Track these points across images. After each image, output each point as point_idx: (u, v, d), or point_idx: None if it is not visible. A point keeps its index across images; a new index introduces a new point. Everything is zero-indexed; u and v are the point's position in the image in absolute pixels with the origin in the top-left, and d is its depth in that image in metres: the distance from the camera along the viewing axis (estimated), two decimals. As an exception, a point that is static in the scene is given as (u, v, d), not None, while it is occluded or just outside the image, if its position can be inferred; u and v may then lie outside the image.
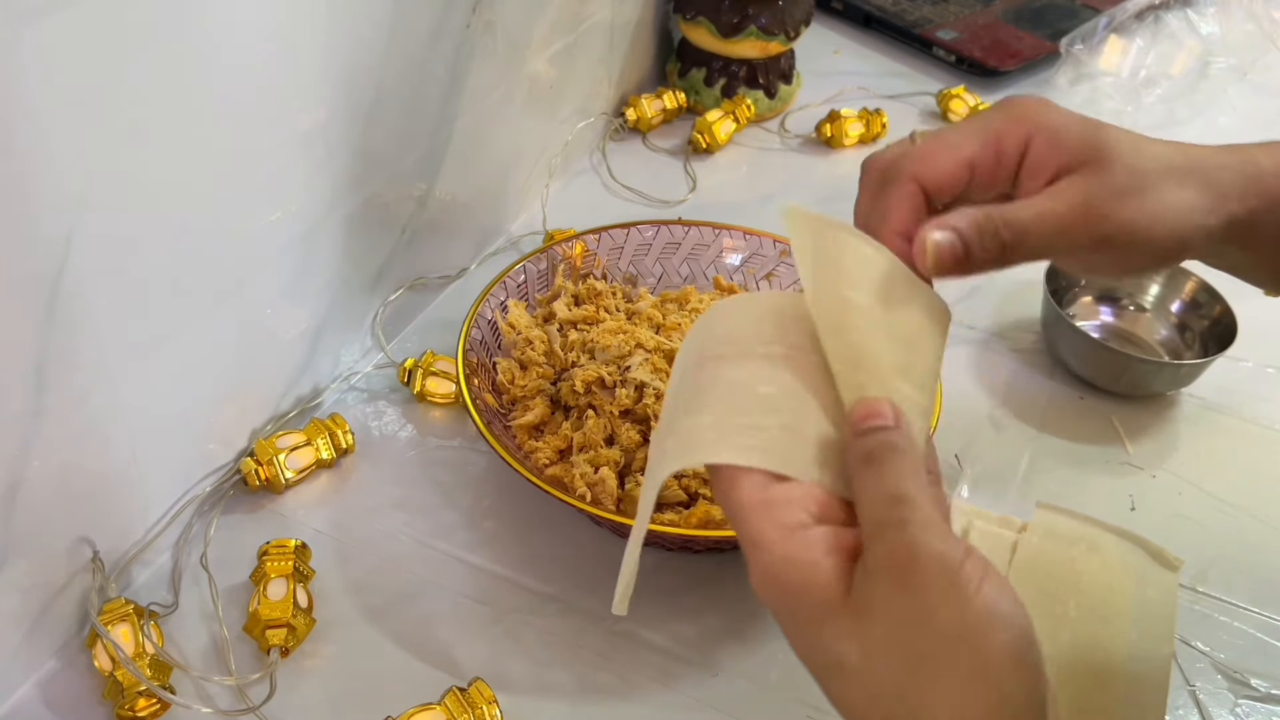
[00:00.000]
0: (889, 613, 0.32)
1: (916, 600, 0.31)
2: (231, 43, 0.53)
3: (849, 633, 0.32)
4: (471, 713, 0.53)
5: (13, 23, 0.42)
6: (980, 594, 0.32)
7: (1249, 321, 0.77)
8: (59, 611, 0.56)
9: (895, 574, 0.32)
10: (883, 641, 0.32)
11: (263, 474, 0.64)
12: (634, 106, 1.01)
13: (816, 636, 0.33)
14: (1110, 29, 1.15)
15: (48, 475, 0.51)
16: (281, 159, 0.60)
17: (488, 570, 0.63)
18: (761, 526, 0.34)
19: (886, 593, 0.32)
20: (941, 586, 0.31)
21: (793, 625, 0.34)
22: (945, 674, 0.31)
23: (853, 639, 0.32)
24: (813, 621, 0.33)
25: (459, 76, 0.74)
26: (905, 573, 0.32)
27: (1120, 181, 0.41)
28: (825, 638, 0.32)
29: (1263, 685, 0.60)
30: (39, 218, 0.46)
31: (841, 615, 0.32)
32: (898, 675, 0.31)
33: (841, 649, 0.32)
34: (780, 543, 0.33)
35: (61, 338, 0.49)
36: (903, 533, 0.32)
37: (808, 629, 0.33)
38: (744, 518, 0.34)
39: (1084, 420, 0.76)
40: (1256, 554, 0.67)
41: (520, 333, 0.71)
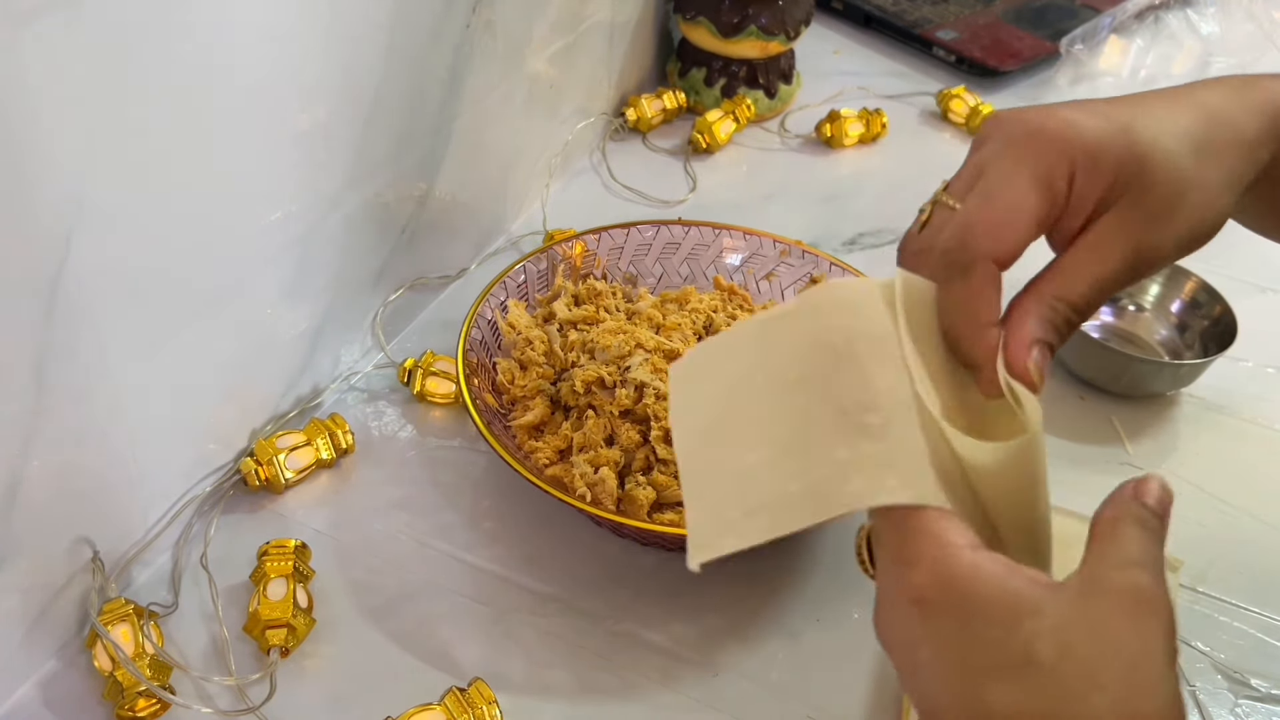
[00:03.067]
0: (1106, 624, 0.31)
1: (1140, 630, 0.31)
2: (231, 43, 0.53)
3: (1051, 630, 0.31)
4: (471, 713, 0.53)
5: (13, 23, 0.42)
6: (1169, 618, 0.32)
7: (1249, 321, 0.77)
8: (59, 611, 0.56)
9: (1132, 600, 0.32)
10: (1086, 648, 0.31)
11: (263, 474, 0.64)
12: (634, 106, 1.01)
13: (1006, 630, 0.31)
14: (1110, 29, 1.15)
15: (48, 475, 0.51)
16: (281, 159, 0.60)
17: (488, 570, 0.63)
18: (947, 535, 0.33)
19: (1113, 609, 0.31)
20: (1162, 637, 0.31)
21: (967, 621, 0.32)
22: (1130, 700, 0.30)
23: (1051, 637, 0.31)
24: (1004, 617, 0.31)
25: (459, 76, 0.74)
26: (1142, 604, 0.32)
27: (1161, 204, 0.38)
28: (1020, 632, 0.31)
29: (1263, 685, 0.60)
30: (39, 218, 0.46)
31: (1046, 611, 0.31)
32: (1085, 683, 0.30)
33: (1036, 646, 0.31)
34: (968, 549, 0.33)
35: (61, 338, 0.49)
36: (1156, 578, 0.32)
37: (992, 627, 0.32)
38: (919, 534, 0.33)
39: (1084, 420, 0.76)
40: (1256, 554, 0.67)
41: (520, 333, 0.71)
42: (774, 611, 0.62)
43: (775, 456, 0.35)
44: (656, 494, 0.62)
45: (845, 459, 0.34)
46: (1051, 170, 0.38)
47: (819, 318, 0.36)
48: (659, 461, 0.64)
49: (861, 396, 0.34)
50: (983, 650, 0.31)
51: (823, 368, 0.35)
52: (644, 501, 0.62)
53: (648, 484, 0.63)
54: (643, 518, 0.62)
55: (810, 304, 0.36)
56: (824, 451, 0.34)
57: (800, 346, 0.36)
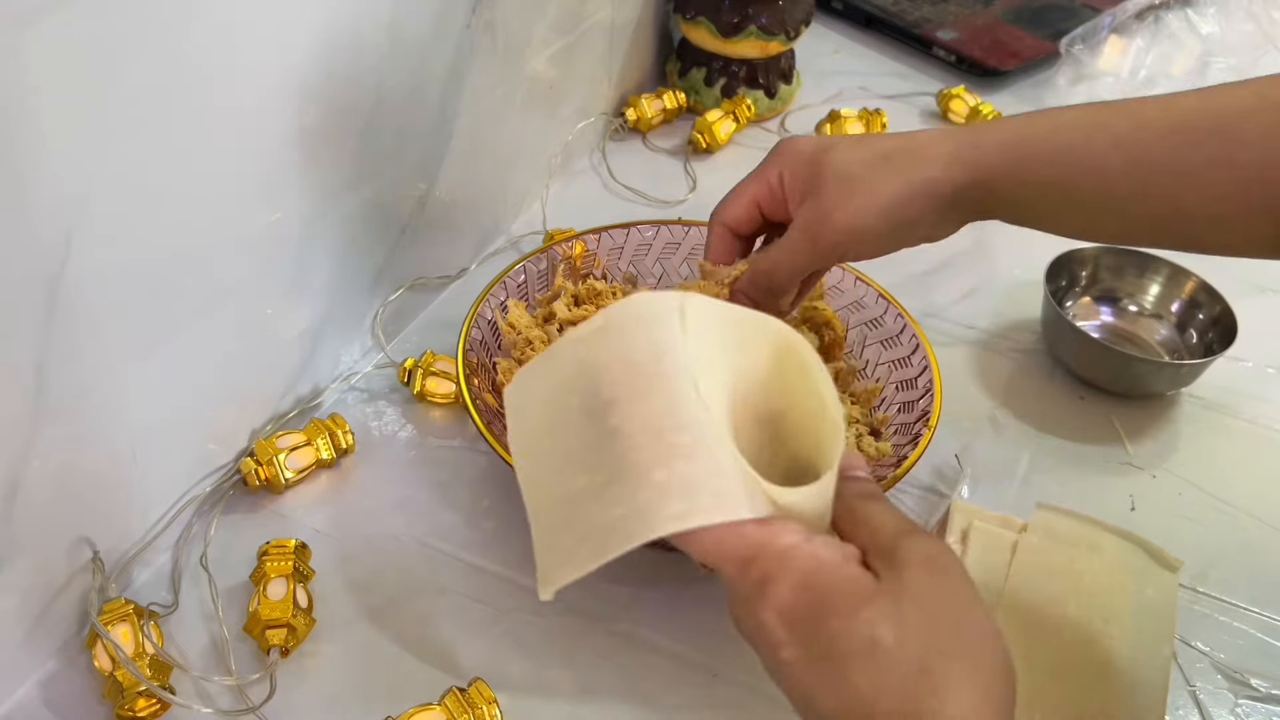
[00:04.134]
0: (925, 595, 0.35)
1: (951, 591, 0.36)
2: (231, 43, 0.53)
3: (886, 614, 0.35)
4: (471, 713, 0.53)
5: (13, 23, 0.42)
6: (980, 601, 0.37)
7: (1249, 321, 0.77)
8: (59, 611, 0.56)
9: (929, 567, 0.36)
10: (917, 622, 0.35)
11: (263, 474, 0.64)
12: (634, 106, 1.01)
13: (850, 622, 0.35)
14: (1110, 29, 1.15)
15: (48, 475, 0.51)
16: (281, 159, 0.60)
17: (488, 570, 0.63)
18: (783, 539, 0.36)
19: (921, 580, 0.35)
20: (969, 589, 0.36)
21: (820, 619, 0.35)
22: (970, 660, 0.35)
23: (889, 620, 0.35)
24: (847, 610, 0.35)
25: (459, 76, 0.74)
26: (939, 569, 0.36)
27: (830, 197, 0.52)
28: (860, 622, 0.35)
29: (1263, 685, 0.60)
30: (39, 218, 0.46)
31: (877, 600, 0.35)
32: (927, 652, 0.34)
33: (879, 631, 0.34)
34: (803, 546, 0.36)
35: (61, 338, 0.49)
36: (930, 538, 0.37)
37: (839, 618, 0.35)
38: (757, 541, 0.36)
39: (1084, 420, 0.76)
40: (1256, 554, 0.67)
41: (520, 333, 0.71)
42: (774, 611, 0.62)
43: (600, 483, 0.36)
44: (656, 494, 0.62)
45: (662, 481, 0.35)
46: (769, 172, 0.56)
47: (624, 335, 0.36)
48: (659, 461, 0.64)
49: (670, 417, 0.35)
50: (836, 641, 0.35)
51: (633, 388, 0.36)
52: (644, 501, 0.62)
53: (648, 484, 0.63)
54: (643, 518, 0.61)
55: (615, 321, 0.37)
56: (643, 474, 0.35)
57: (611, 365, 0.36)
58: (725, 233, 0.59)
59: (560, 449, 0.37)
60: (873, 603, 0.35)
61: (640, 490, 0.35)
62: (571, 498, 0.37)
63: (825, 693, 0.35)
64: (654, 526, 0.34)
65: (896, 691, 0.34)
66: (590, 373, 0.37)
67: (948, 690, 0.34)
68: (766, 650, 0.37)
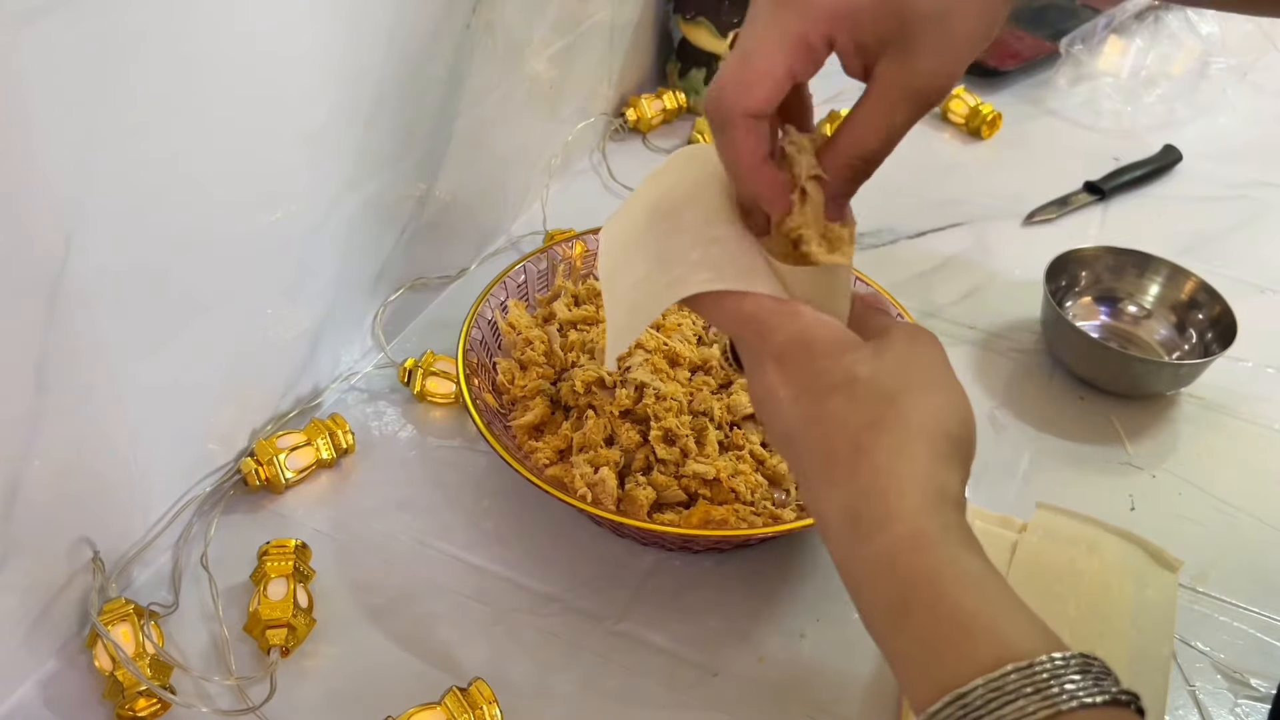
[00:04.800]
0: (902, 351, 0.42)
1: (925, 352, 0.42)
2: (231, 43, 0.53)
3: (865, 359, 0.41)
4: (471, 713, 0.53)
5: (12, 23, 0.42)
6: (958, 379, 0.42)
7: (1249, 321, 0.77)
8: (59, 611, 0.56)
9: (911, 336, 0.42)
10: (891, 367, 0.41)
11: (263, 474, 0.64)
12: (634, 107, 1.01)
13: (836, 361, 0.41)
14: (1110, 29, 1.15)
15: (48, 475, 0.51)
16: (282, 159, 0.60)
17: (488, 570, 0.63)
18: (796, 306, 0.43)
19: (902, 342, 0.42)
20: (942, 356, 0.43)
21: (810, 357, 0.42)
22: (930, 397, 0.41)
23: (866, 363, 0.41)
24: (834, 354, 0.41)
25: (459, 76, 0.74)
26: (918, 338, 0.42)
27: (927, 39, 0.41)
28: (845, 362, 0.41)
29: (1263, 685, 0.60)
30: (39, 218, 0.46)
31: (863, 349, 0.42)
32: (895, 388, 0.40)
33: (857, 368, 0.41)
34: (808, 314, 0.42)
35: (61, 338, 0.49)
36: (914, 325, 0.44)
37: (825, 358, 0.41)
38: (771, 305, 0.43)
39: (1084, 420, 0.76)
40: (1256, 554, 0.67)
41: (520, 333, 0.71)
42: (774, 611, 0.62)
43: (653, 269, 0.44)
44: (656, 494, 0.63)
45: (697, 259, 0.43)
46: (806, 32, 0.41)
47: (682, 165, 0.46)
48: (659, 461, 0.64)
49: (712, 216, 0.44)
50: (820, 376, 0.41)
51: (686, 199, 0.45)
52: (644, 501, 0.62)
53: (648, 484, 0.63)
54: (643, 518, 0.62)
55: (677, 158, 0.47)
56: (683, 255, 0.44)
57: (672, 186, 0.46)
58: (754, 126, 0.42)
59: (629, 258, 0.46)
60: (857, 350, 0.41)
61: (679, 266, 0.43)
62: (633, 285, 0.45)
63: (806, 424, 0.41)
64: (688, 287, 0.42)
65: (865, 413, 0.40)
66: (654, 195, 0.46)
67: (910, 411, 0.40)
68: (766, 398, 0.43)
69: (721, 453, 0.65)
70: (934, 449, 0.40)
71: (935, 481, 0.39)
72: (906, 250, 0.91)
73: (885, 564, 0.39)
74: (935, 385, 0.41)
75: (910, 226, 0.93)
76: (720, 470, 0.63)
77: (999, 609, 0.37)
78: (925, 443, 0.40)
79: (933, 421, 0.40)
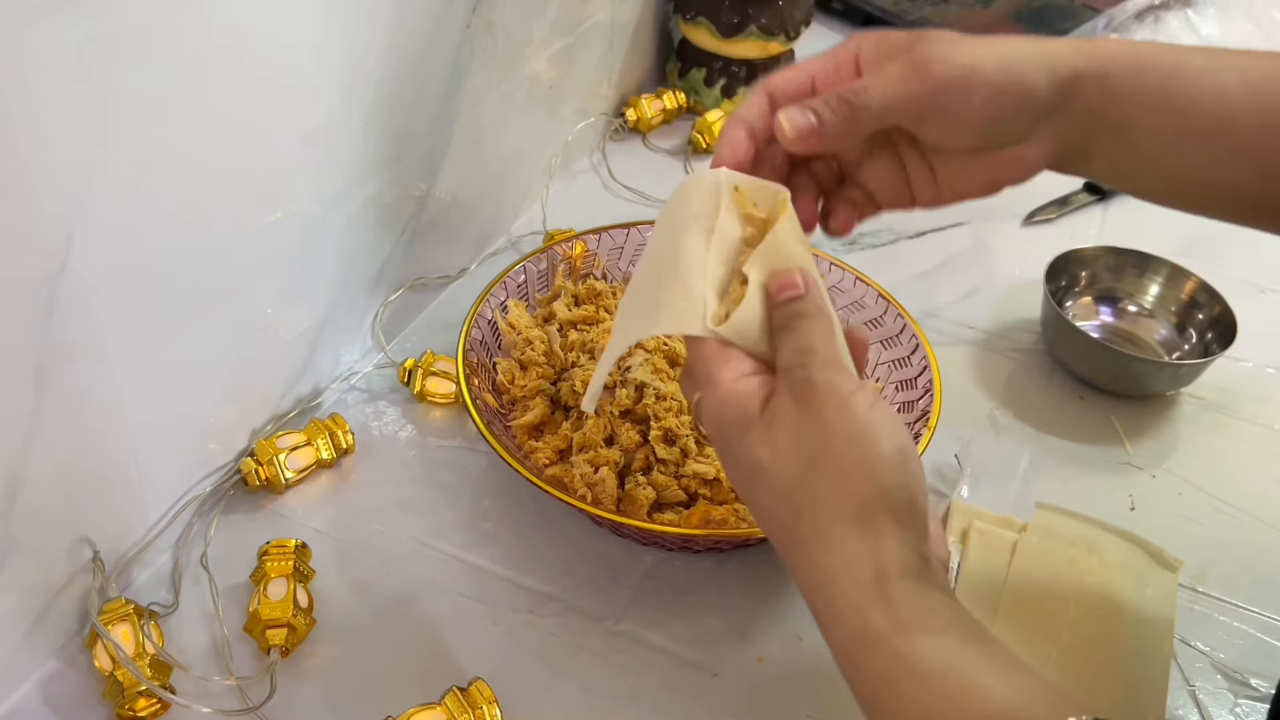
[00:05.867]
0: (791, 424, 0.41)
1: (813, 415, 0.41)
2: (232, 43, 0.53)
3: (761, 439, 0.42)
4: (471, 713, 0.53)
5: (13, 23, 0.42)
6: (868, 413, 0.41)
7: (1249, 321, 0.77)
8: (59, 611, 0.56)
9: (797, 398, 0.41)
10: (786, 444, 0.41)
11: (263, 474, 0.64)
12: (634, 106, 1.01)
13: (741, 446, 0.42)
14: (1110, 29, 1.15)
15: (48, 475, 0.51)
16: (282, 159, 0.60)
17: (488, 570, 0.63)
18: (720, 373, 0.44)
19: (789, 410, 0.41)
20: (835, 406, 0.41)
21: (726, 443, 0.43)
22: (835, 466, 0.40)
23: (764, 444, 0.41)
24: (739, 436, 0.42)
25: (459, 76, 0.74)
26: (805, 397, 0.41)
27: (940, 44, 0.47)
28: (747, 445, 0.42)
29: (1263, 685, 0.60)
30: (39, 218, 0.46)
31: (756, 426, 0.42)
32: (798, 469, 0.40)
33: (758, 453, 0.42)
34: (728, 383, 0.43)
35: (61, 338, 0.49)
36: (805, 371, 0.42)
37: (736, 444, 0.43)
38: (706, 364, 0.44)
39: (1084, 420, 0.76)
40: (1256, 554, 0.67)
41: (520, 333, 0.71)
42: (774, 611, 0.62)
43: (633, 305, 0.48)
44: (656, 494, 0.63)
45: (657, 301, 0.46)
46: (838, 51, 0.50)
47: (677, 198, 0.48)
48: (659, 461, 0.64)
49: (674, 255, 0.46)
50: (736, 465, 0.43)
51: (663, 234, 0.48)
52: (644, 501, 0.62)
53: (648, 484, 0.63)
54: (643, 518, 0.62)
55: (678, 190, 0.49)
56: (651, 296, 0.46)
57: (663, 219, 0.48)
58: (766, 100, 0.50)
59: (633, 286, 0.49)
60: (752, 430, 0.42)
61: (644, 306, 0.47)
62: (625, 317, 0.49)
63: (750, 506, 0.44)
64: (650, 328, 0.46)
65: (783, 503, 0.41)
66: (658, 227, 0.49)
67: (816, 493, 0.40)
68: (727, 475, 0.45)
69: (721, 453, 0.65)
70: (856, 522, 0.39)
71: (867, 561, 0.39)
72: (906, 250, 0.91)
73: (847, 660, 0.39)
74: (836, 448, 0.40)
75: (910, 226, 0.93)
76: (720, 470, 0.63)
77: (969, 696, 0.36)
78: (844, 522, 0.39)
79: (844, 494, 0.39)
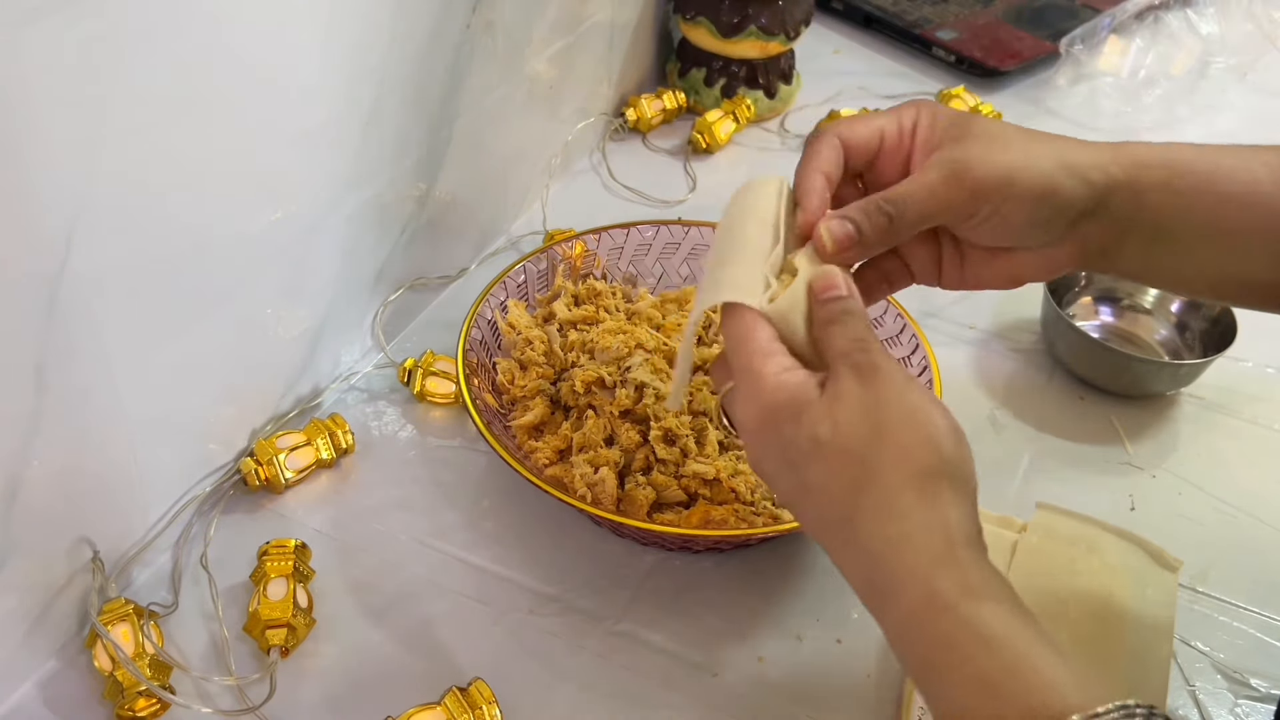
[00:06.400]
0: (855, 401, 0.41)
1: (877, 392, 0.41)
2: (232, 43, 0.53)
3: (823, 416, 0.41)
4: (471, 713, 0.53)
5: (13, 23, 0.42)
6: (924, 394, 0.42)
7: (1249, 321, 0.76)
8: (59, 611, 0.56)
9: (860, 377, 0.42)
10: (849, 420, 0.41)
11: (263, 474, 0.64)
12: (634, 106, 1.01)
13: (797, 426, 0.42)
14: (1110, 29, 1.15)
15: (48, 475, 0.51)
16: (282, 159, 0.60)
17: (488, 570, 0.63)
18: (763, 367, 0.44)
19: (852, 388, 0.42)
20: (897, 386, 0.42)
21: (775, 427, 0.43)
22: (898, 440, 0.40)
23: (826, 420, 0.41)
24: (794, 417, 0.42)
25: (459, 76, 0.74)
26: (869, 376, 0.42)
27: (980, 144, 0.49)
28: (805, 424, 0.42)
29: (1263, 685, 0.60)
30: (39, 218, 0.46)
31: (818, 404, 0.42)
32: (860, 443, 0.41)
33: (819, 429, 0.41)
34: (774, 375, 0.43)
35: (61, 338, 0.49)
36: (868, 355, 0.43)
37: (789, 425, 0.42)
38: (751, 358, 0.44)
39: (1084, 420, 0.76)
40: (1256, 554, 0.67)
41: (520, 333, 0.71)
42: (774, 611, 0.62)
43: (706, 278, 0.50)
44: (656, 494, 0.63)
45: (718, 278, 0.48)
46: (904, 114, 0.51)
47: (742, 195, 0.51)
48: (659, 461, 0.64)
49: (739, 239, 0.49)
50: (789, 448, 0.42)
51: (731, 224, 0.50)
52: (644, 501, 0.62)
53: (648, 484, 0.63)
54: (643, 518, 0.62)
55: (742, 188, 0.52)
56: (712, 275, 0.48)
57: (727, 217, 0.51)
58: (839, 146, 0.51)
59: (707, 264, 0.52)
60: (811, 408, 0.42)
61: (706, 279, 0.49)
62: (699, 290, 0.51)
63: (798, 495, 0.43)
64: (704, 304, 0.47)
65: (842, 477, 0.41)
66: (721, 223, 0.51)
67: (881, 465, 0.40)
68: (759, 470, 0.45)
69: (721, 453, 0.65)
70: (922, 492, 0.39)
71: (935, 528, 0.39)
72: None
73: (907, 630, 0.39)
74: (899, 421, 0.41)
75: (910, 226, 0.93)
76: (720, 470, 0.63)
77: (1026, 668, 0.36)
78: (912, 491, 0.40)
79: (910, 464, 0.40)
